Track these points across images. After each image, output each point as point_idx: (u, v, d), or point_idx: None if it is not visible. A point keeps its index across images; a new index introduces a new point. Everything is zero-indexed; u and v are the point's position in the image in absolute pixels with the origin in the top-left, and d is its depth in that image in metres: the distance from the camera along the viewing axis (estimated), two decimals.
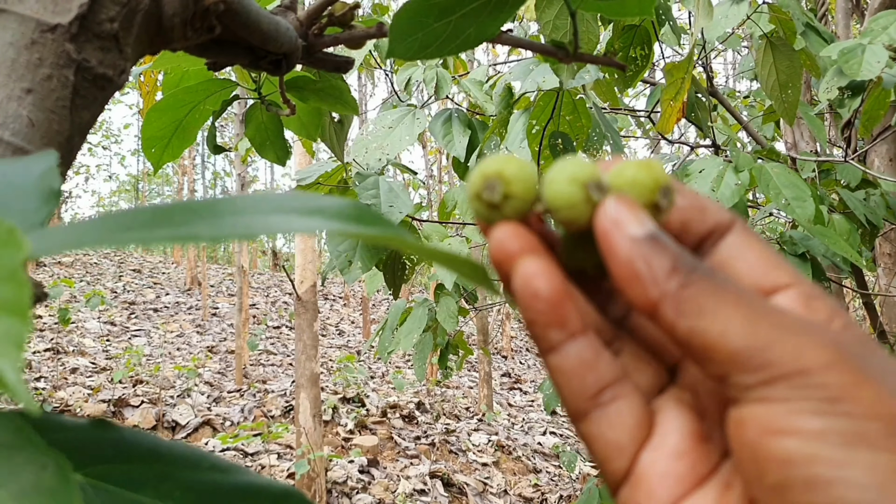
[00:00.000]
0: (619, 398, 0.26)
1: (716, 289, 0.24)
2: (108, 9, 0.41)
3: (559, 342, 0.26)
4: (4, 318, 0.15)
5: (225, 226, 0.20)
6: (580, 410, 0.27)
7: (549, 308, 0.26)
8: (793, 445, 0.22)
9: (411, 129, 1.64)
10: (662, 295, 0.24)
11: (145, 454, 0.23)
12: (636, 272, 0.25)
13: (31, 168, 0.29)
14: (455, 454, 5.77)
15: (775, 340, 0.23)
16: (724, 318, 0.23)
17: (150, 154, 0.91)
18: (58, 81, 0.40)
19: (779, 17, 1.72)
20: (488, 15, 0.54)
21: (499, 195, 0.27)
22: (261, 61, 0.56)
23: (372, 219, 0.22)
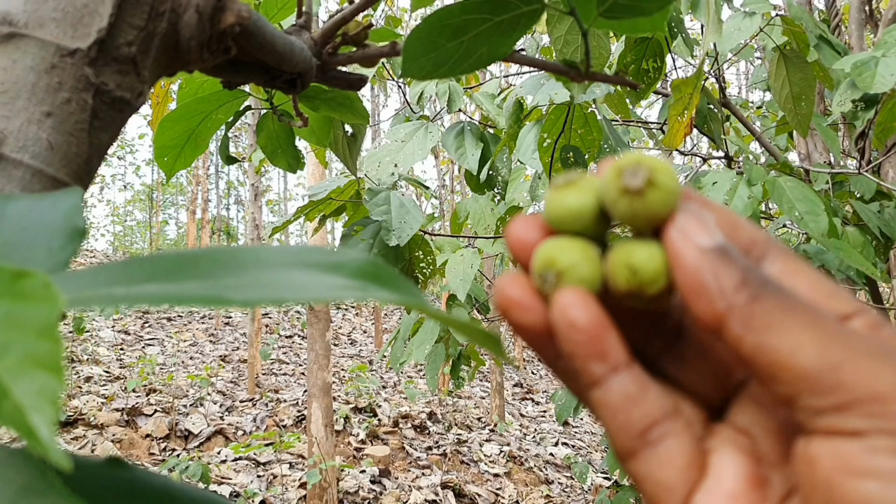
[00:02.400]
0: (669, 436, 0.25)
1: (786, 305, 0.23)
2: (126, 33, 0.42)
3: (602, 376, 0.25)
4: (40, 374, 0.15)
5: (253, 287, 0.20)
6: (628, 449, 0.25)
7: (588, 339, 0.25)
8: (873, 489, 0.20)
9: (424, 143, 1.65)
10: (730, 308, 0.23)
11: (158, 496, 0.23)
12: (704, 284, 0.24)
13: (57, 205, 0.29)
14: (467, 465, 5.75)
15: (848, 361, 0.21)
16: (795, 335, 0.22)
17: (163, 162, 0.92)
18: (76, 105, 0.41)
19: (792, 29, 1.72)
20: (500, 35, 0.54)
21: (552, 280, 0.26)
22: (276, 81, 0.57)
23: (391, 279, 0.22)
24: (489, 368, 7.87)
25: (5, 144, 0.39)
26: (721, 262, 0.24)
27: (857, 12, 2.30)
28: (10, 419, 0.14)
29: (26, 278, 0.17)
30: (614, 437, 0.26)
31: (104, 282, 0.21)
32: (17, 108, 0.40)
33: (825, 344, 0.22)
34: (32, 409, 0.15)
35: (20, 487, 0.16)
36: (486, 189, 2.09)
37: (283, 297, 0.20)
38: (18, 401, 0.15)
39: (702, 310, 0.24)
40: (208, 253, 0.22)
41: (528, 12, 0.53)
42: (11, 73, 0.40)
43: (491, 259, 4.17)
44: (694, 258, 0.24)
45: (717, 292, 0.24)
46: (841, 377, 0.21)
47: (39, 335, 0.16)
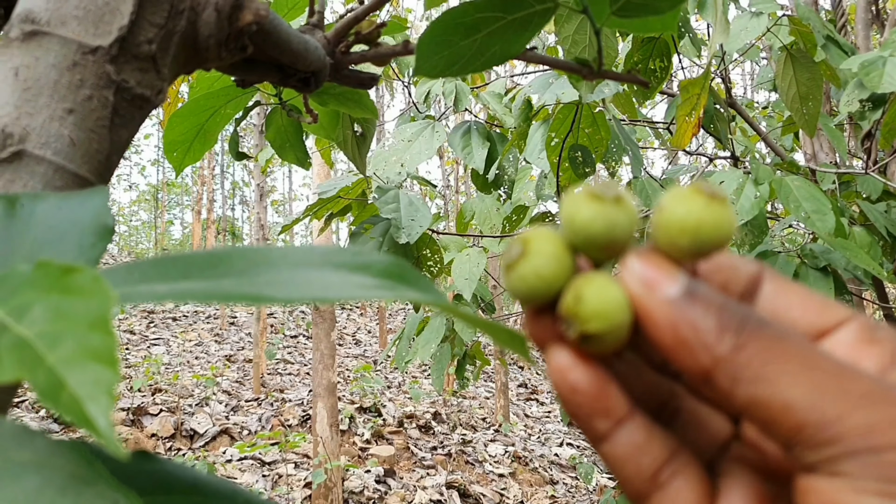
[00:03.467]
0: (677, 475, 0.25)
1: (773, 345, 0.22)
2: (146, 31, 0.43)
3: (607, 431, 0.25)
4: (96, 366, 0.16)
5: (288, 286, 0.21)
6: (640, 494, 0.25)
7: (590, 400, 0.24)
8: None
9: (430, 142, 1.65)
10: (715, 362, 0.22)
11: (186, 487, 0.24)
12: (682, 339, 0.23)
13: (86, 204, 0.30)
14: (471, 465, 5.75)
15: (846, 412, 0.21)
16: (787, 386, 0.21)
17: (172, 157, 0.93)
18: (98, 102, 0.41)
19: (799, 29, 1.72)
20: (513, 33, 0.54)
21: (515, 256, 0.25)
22: (289, 79, 0.57)
23: (414, 279, 0.22)
24: (494, 368, 7.87)
25: (28, 141, 0.40)
26: (694, 309, 0.23)
27: (863, 12, 2.30)
28: (67, 409, 0.15)
29: (75, 273, 0.17)
30: (625, 484, 0.25)
31: (139, 279, 0.21)
32: (39, 104, 0.40)
33: (820, 395, 0.21)
34: (89, 399, 0.15)
35: (69, 475, 0.17)
36: (492, 188, 2.10)
37: (321, 295, 0.20)
38: (75, 391, 0.15)
39: (686, 366, 0.23)
40: (240, 252, 0.22)
41: (541, 10, 0.53)
42: (34, 71, 0.41)
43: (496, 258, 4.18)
44: (665, 313, 0.23)
45: (699, 346, 0.22)
46: (837, 432, 0.21)
47: (92, 327, 0.16)
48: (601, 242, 0.24)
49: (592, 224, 0.23)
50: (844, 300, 1.77)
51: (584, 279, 0.24)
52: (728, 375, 0.22)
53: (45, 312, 0.16)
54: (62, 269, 0.17)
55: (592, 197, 0.23)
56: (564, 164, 1.58)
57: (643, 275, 0.23)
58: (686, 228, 0.23)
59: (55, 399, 0.15)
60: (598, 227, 0.23)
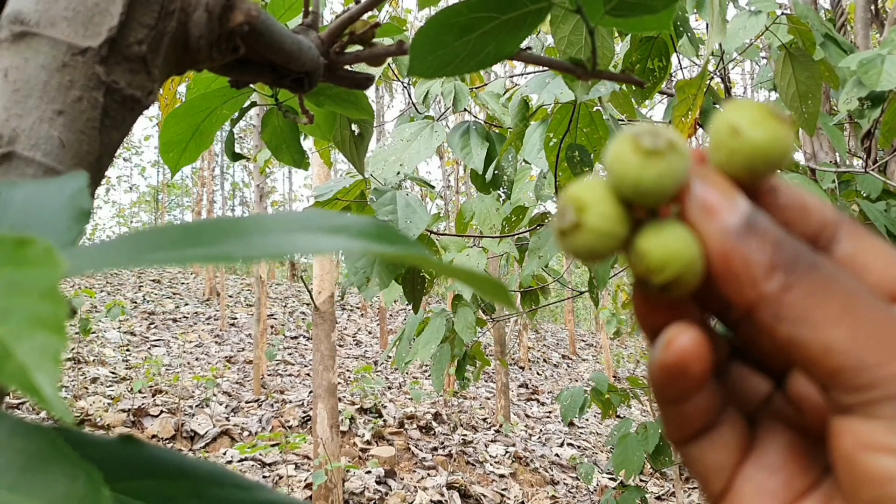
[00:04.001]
0: (721, 424, 0.26)
1: (821, 288, 0.22)
2: (136, 32, 0.42)
3: (681, 399, 0.25)
4: (42, 333, 0.16)
5: (255, 245, 0.21)
6: (687, 436, 0.26)
7: (693, 386, 0.25)
8: (888, 463, 0.21)
9: (429, 142, 1.65)
10: (760, 297, 0.22)
11: (172, 471, 0.24)
12: (732, 269, 0.22)
13: (63, 188, 0.30)
14: (472, 465, 5.75)
15: (884, 360, 0.21)
16: (828, 329, 0.21)
17: (168, 158, 0.92)
18: (88, 103, 0.41)
19: (798, 28, 1.72)
20: (507, 33, 0.54)
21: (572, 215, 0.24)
22: (283, 80, 0.57)
23: (393, 237, 0.22)
24: (494, 369, 7.87)
25: (17, 142, 0.39)
26: (749, 242, 0.22)
27: (862, 11, 2.30)
28: (14, 379, 0.15)
29: (28, 245, 0.17)
30: (670, 431, 0.26)
31: (110, 253, 0.21)
32: (28, 106, 0.40)
33: (860, 338, 0.21)
34: (35, 367, 0.15)
35: (31, 455, 0.17)
36: (491, 188, 2.09)
37: (284, 250, 0.20)
38: (21, 361, 0.15)
39: (733, 297, 0.23)
40: (212, 223, 0.22)
41: (534, 10, 0.53)
42: (23, 72, 0.41)
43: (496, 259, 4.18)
44: (720, 241, 0.23)
45: (748, 280, 0.22)
46: (874, 377, 0.21)
47: (42, 297, 0.16)
48: (654, 195, 0.23)
49: (642, 181, 0.23)
50: None
51: (642, 234, 0.24)
52: (771, 313, 0.22)
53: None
54: (15, 242, 0.17)
55: (639, 150, 0.23)
56: (563, 164, 1.58)
57: (704, 200, 0.23)
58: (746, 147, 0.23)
59: (1, 369, 0.15)
60: (649, 183, 0.23)
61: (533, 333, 13.55)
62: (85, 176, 0.31)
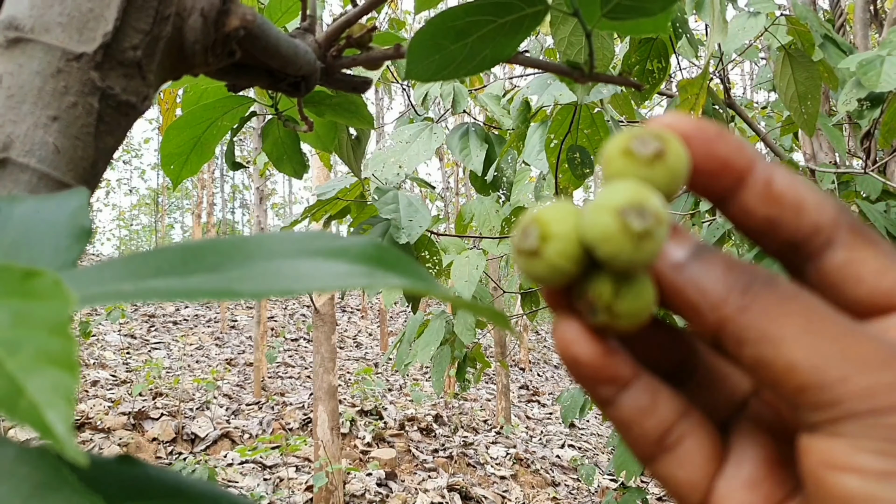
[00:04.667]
0: (684, 437, 0.25)
1: (778, 306, 0.22)
2: (131, 37, 0.42)
3: (610, 396, 0.25)
4: (54, 371, 0.15)
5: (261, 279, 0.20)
6: (646, 455, 0.25)
7: (592, 370, 0.24)
8: (852, 483, 0.21)
9: (428, 144, 1.65)
10: (720, 322, 0.22)
11: (169, 491, 0.24)
12: (689, 301, 0.23)
13: (63, 205, 0.30)
14: (473, 467, 5.75)
15: (847, 375, 0.21)
16: (789, 347, 0.21)
17: (169, 171, 0.92)
18: (83, 109, 0.41)
19: (797, 28, 1.72)
20: (504, 36, 0.54)
21: (534, 240, 0.23)
22: (280, 84, 0.57)
23: (395, 261, 0.22)
24: (495, 370, 7.87)
25: (12, 148, 0.39)
26: (700, 270, 0.23)
27: (861, 12, 2.30)
28: (26, 416, 0.14)
29: (36, 277, 0.17)
30: (632, 446, 0.26)
31: (110, 278, 0.21)
32: (23, 112, 0.40)
33: (822, 357, 0.21)
34: (48, 405, 0.15)
35: (35, 484, 0.17)
36: (491, 190, 2.09)
37: (290, 288, 0.20)
38: (33, 398, 0.15)
39: (696, 325, 0.23)
40: (213, 245, 0.22)
41: (531, 14, 0.53)
42: (18, 78, 0.40)
43: (496, 260, 4.18)
44: (671, 277, 0.23)
45: (705, 306, 0.22)
46: (838, 394, 0.21)
47: (52, 332, 0.16)
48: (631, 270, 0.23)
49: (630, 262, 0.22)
50: None
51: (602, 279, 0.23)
52: (734, 336, 0.22)
53: (4, 318, 0.16)
54: (23, 273, 0.17)
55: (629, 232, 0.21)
56: (563, 166, 1.58)
57: None
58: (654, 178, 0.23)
59: (13, 406, 0.15)
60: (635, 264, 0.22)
61: (533, 335, 13.54)
62: (86, 193, 0.31)
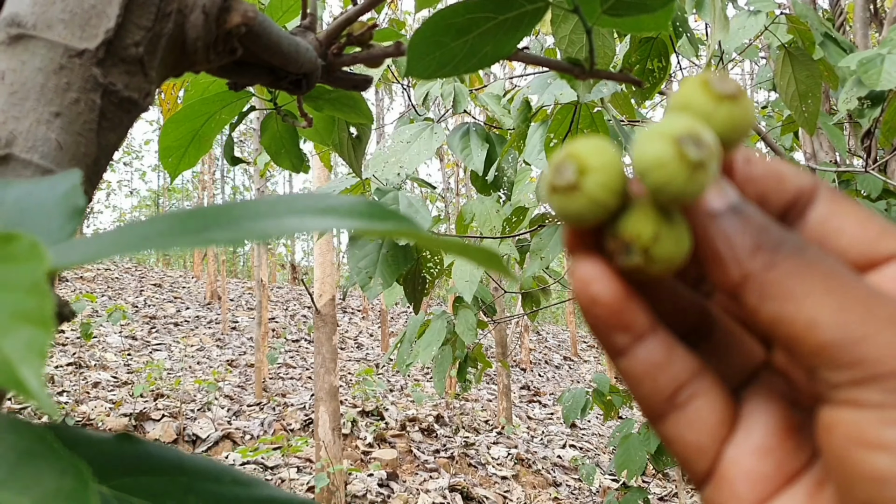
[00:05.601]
0: (696, 397, 0.24)
1: (805, 268, 0.22)
2: (133, 34, 0.42)
3: (625, 346, 0.24)
4: (27, 328, 0.16)
5: (241, 229, 0.20)
6: (656, 413, 0.25)
7: (610, 313, 0.24)
8: (884, 462, 0.20)
9: (429, 144, 1.65)
10: (744, 277, 0.22)
11: (169, 467, 0.24)
12: (717, 251, 0.23)
13: (56, 187, 0.30)
14: (474, 467, 5.75)
15: (871, 333, 0.20)
16: (813, 305, 0.21)
17: (167, 163, 0.92)
18: (85, 105, 0.41)
19: (797, 27, 1.72)
20: (505, 33, 0.54)
21: (571, 174, 0.22)
22: (281, 81, 0.57)
23: (384, 214, 0.22)
24: (496, 371, 7.86)
25: (15, 145, 0.39)
26: (734, 225, 0.23)
27: (861, 11, 2.30)
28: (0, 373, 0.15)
29: (13, 241, 0.17)
30: (641, 402, 0.25)
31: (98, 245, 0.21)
32: (26, 108, 0.40)
33: (845, 314, 0.21)
34: (20, 361, 0.15)
35: (21, 452, 0.17)
36: (491, 190, 2.09)
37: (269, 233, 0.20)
38: (6, 355, 0.15)
39: (718, 278, 0.23)
40: (201, 210, 0.22)
41: (532, 10, 0.53)
42: (20, 75, 0.41)
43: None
44: (706, 224, 0.23)
45: (732, 260, 0.22)
46: (861, 352, 0.20)
47: (27, 292, 0.16)
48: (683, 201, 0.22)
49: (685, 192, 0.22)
50: None
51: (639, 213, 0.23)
52: (756, 292, 0.22)
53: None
54: (1, 239, 0.17)
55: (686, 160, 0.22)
56: None
57: None
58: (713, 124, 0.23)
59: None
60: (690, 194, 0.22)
61: (534, 335, 13.54)
62: (78, 174, 0.31)
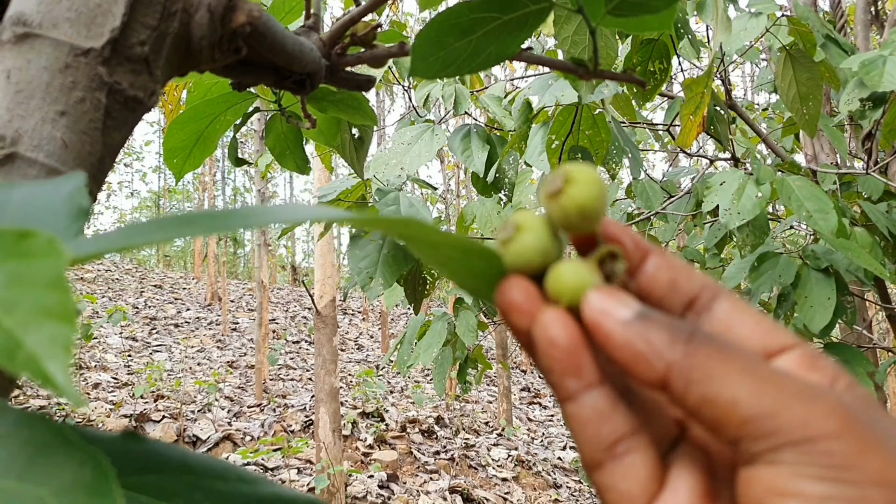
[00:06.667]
0: (633, 451, 0.27)
1: (718, 352, 0.25)
2: (138, 33, 0.42)
3: (576, 391, 0.27)
4: (51, 323, 0.16)
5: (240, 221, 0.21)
6: (595, 460, 0.27)
7: (565, 356, 0.27)
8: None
9: (430, 145, 1.65)
10: (668, 367, 0.25)
11: (175, 465, 0.24)
12: (637, 352, 0.25)
13: (60, 188, 0.30)
14: (475, 469, 5.74)
15: (783, 407, 0.23)
16: (733, 384, 0.24)
17: (172, 164, 0.93)
18: (90, 104, 0.41)
19: (798, 29, 1.72)
20: (508, 34, 0.54)
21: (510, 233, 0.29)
22: (285, 81, 0.57)
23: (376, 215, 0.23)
24: (496, 372, 7.86)
25: (20, 143, 0.39)
26: (646, 327, 0.26)
27: (862, 13, 2.30)
28: (26, 368, 0.15)
29: (30, 238, 0.17)
30: (583, 447, 0.27)
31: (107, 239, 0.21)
32: (31, 107, 0.40)
33: (760, 392, 0.24)
34: (46, 356, 0.15)
35: (38, 445, 0.17)
36: (492, 191, 2.09)
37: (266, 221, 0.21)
38: (32, 350, 0.15)
39: (644, 375, 0.25)
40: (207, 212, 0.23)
41: (536, 11, 0.53)
42: (26, 73, 0.41)
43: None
44: (621, 332, 0.26)
45: (653, 355, 0.25)
46: (778, 423, 0.23)
47: (48, 288, 0.16)
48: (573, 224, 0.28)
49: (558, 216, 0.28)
50: (847, 301, 1.76)
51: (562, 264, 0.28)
52: (681, 378, 0.25)
53: (2, 279, 0.17)
54: (17, 235, 0.17)
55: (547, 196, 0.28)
56: None
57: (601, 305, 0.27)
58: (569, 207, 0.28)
59: (11, 359, 0.15)
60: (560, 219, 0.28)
61: None
62: (83, 175, 0.31)
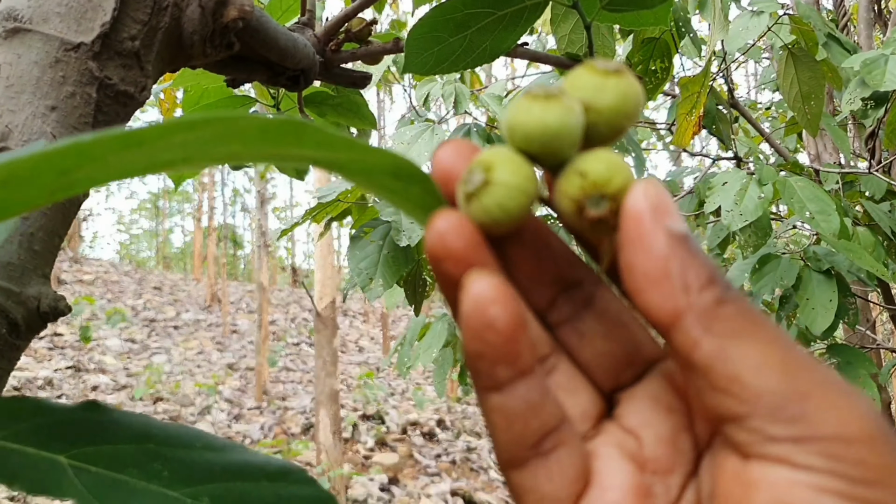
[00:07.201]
0: (560, 445, 0.23)
1: (752, 313, 0.20)
2: (129, 27, 0.42)
3: (506, 380, 0.22)
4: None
5: None
6: (517, 458, 0.23)
7: (502, 341, 0.21)
8: None
9: (430, 145, 1.65)
10: (690, 306, 0.20)
11: (135, 434, 0.23)
12: (668, 273, 0.20)
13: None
14: (476, 472, 5.73)
15: (816, 393, 0.19)
16: (761, 351, 0.20)
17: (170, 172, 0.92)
18: (81, 98, 0.41)
19: (800, 28, 1.71)
20: (503, 29, 0.54)
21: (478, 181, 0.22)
22: (279, 77, 0.57)
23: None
24: None
25: (10, 138, 0.39)
26: (689, 253, 0.21)
27: (865, 11, 2.29)
28: None
29: None
30: (505, 444, 0.23)
31: None
32: (21, 102, 0.40)
33: (792, 367, 0.20)
34: None
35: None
36: None
37: None
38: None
39: (656, 300, 0.21)
40: None
41: (531, 6, 0.53)
42: (16, 68, 0.40)
43: None
44: (662, 241, 0.21)
45: (681, 286, 0.20)
46: (807, 409, 0.19)
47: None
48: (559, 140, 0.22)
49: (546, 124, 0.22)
50: (849, 303, 1.76)
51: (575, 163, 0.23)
52: (700, 323, 0.20)
53: None
54: None
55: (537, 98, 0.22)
56: None
57: (656, 201, 0.21)
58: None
59: None
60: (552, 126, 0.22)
61: None
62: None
